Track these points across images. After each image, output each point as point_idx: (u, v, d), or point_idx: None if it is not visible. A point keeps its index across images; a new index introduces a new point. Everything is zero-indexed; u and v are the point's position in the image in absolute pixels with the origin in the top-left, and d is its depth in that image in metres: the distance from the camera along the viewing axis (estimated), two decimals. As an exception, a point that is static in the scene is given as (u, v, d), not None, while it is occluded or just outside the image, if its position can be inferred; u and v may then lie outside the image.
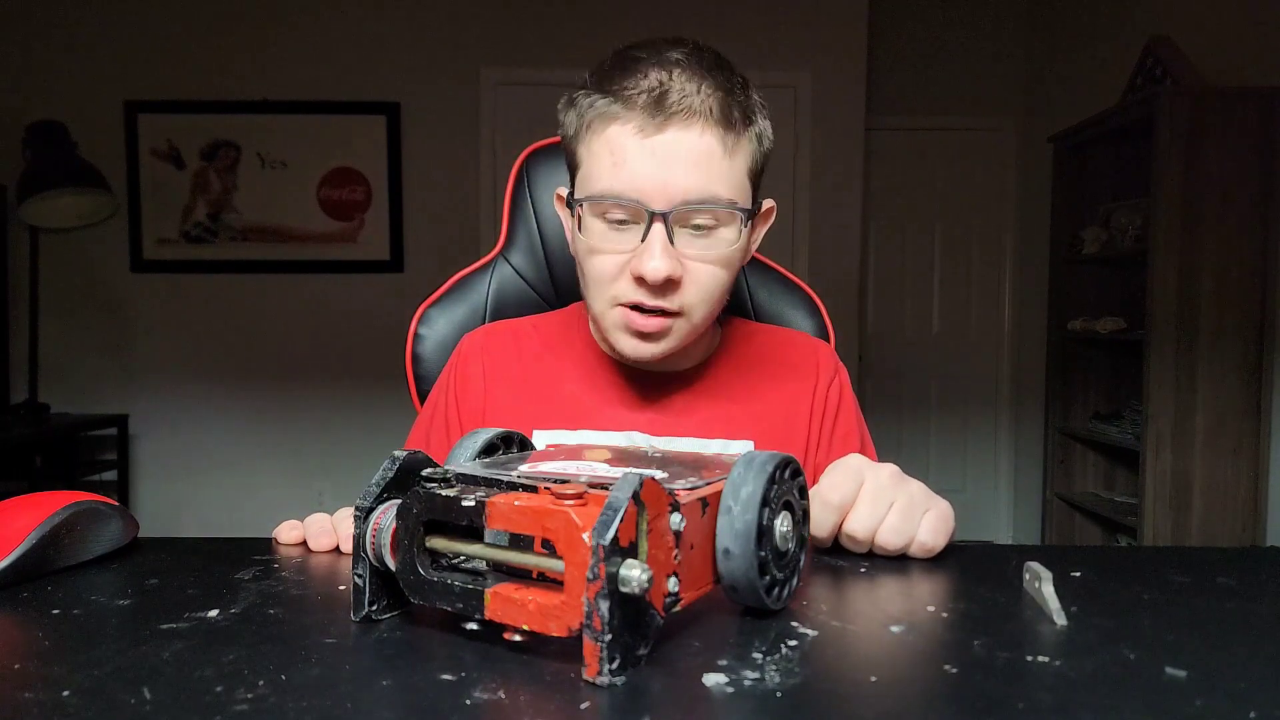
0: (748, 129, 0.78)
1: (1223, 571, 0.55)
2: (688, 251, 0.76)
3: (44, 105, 3.37)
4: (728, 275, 0.81)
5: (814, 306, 1.08)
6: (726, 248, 0.78)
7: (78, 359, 3.54)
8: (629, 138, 0.74)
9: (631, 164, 0.74)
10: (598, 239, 0.78)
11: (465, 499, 0.41)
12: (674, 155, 0.73)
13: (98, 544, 0.57)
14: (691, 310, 0.79)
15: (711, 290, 0.79)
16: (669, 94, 0.73)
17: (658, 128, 0.73)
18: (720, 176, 0.75)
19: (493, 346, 0.92)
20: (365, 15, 3.53)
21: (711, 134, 0.74)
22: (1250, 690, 0.37)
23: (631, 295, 0.77)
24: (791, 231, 3.60)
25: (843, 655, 0.42)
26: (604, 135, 0.76)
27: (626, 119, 0.74)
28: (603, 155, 0.76)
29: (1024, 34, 4.01)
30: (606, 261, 0.78)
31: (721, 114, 0.74)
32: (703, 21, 3.54)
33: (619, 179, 0.74)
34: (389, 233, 3.57)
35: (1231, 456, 2.66)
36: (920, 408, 4.16)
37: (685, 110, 0.73)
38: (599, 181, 0.76)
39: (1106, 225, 3.14)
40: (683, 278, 0.77)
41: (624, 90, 0.74)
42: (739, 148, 0.77)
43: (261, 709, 0.35)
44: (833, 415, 0.91)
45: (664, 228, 0.74)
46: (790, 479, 0.47)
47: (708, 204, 0.75)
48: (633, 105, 0.74)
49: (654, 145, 0.73)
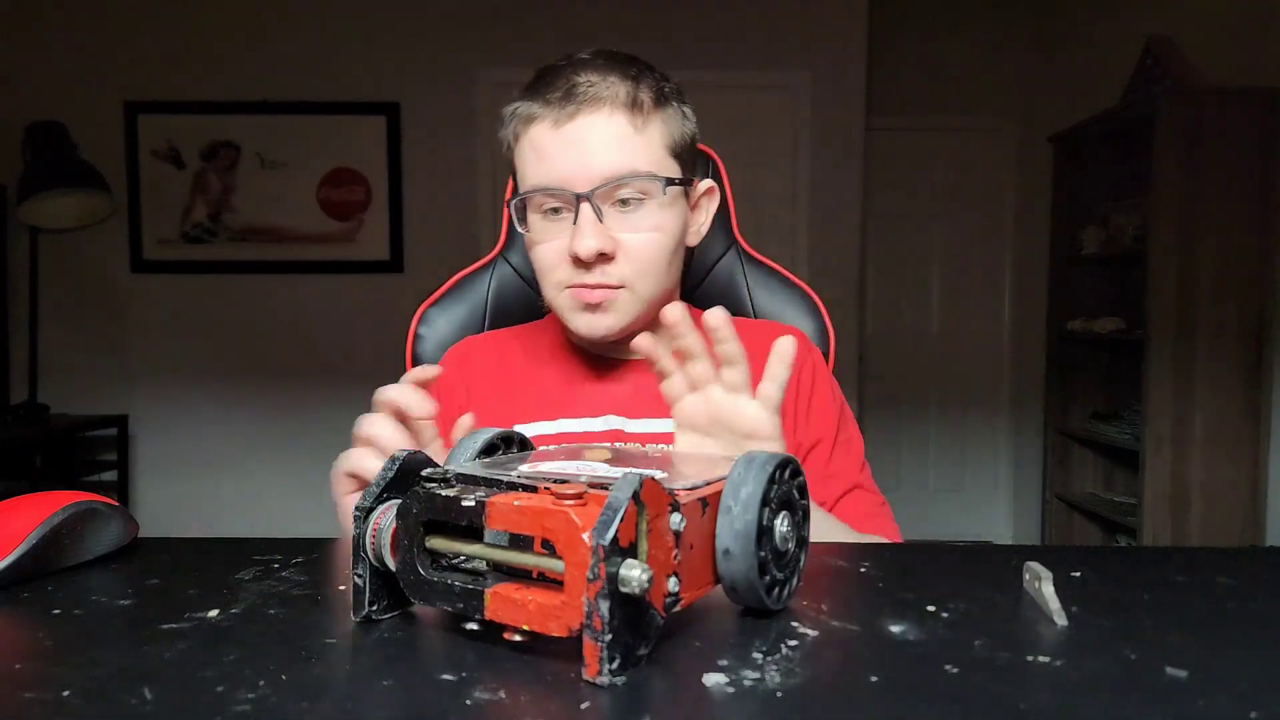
0: (659, 109, 0.83)
1: (1223, 571, 0.55)
2: (618, 226, 0.82)
3: (44, 105, 3.37)
4: (665, 246, 0.84)
5: (814, 306, 1.08)
6: (655, 217, 0.82)
7: (78, 359, 3.54)
8: (546, 132, 0.81)
9: (551, 155, 0.80)
10: (538, 231, 0.84)
11: (465, 499, 0.41)
12: (587, 138, 0.79)
13: (98, 544, 0.57)
14: (633, 282, 0.83)
15: (649, 261, 0.83)
16: (577, 86, 0.80)
17: (569, 116, 0.80)
18: (636, 151, 0.80)
19: (474, 355, 0.97)
20: (365, 15, 3.53)
21: (620, 115, 0.80)
22: (1250, 690, 0.37)
23: (573, 277, 0.83)
24: (791, 231, 3.60)
25: (843, 655, 0.42)
26: (527, 136, 0.83)
27: (543, 116, 0.81)
28: (528, 155, 0.83)
29: (1024, 34, 4.01)
30: (548, 250, 0.84)
31: (628, 97, 0.80)
32: (703, 22, 3.53)
33: (542, 171, 0.81)
34: (389, 233, 3.57)
35: (1231, 456, 2.66)
36: (920, 408, 4.16)
37: (592, 98, 0.79)
38: (528, 179, 0.83)
39: (1106, 225, 3.14)
40: (616, 252, 0.82)
41: (540, 93, 0.81)
42: (651, 125, 0.82)
43: (262, 709, 0.35)
44: (807, 394, 0.92)
45: (590, 206, 0.79)
46: (790, 479, 0.47)
47: (626, 177, 0.80)
48: (547, 103, 0.81)
49: (567, 133, 0.80)
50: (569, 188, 0.80)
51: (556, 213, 0.82)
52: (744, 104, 3.59)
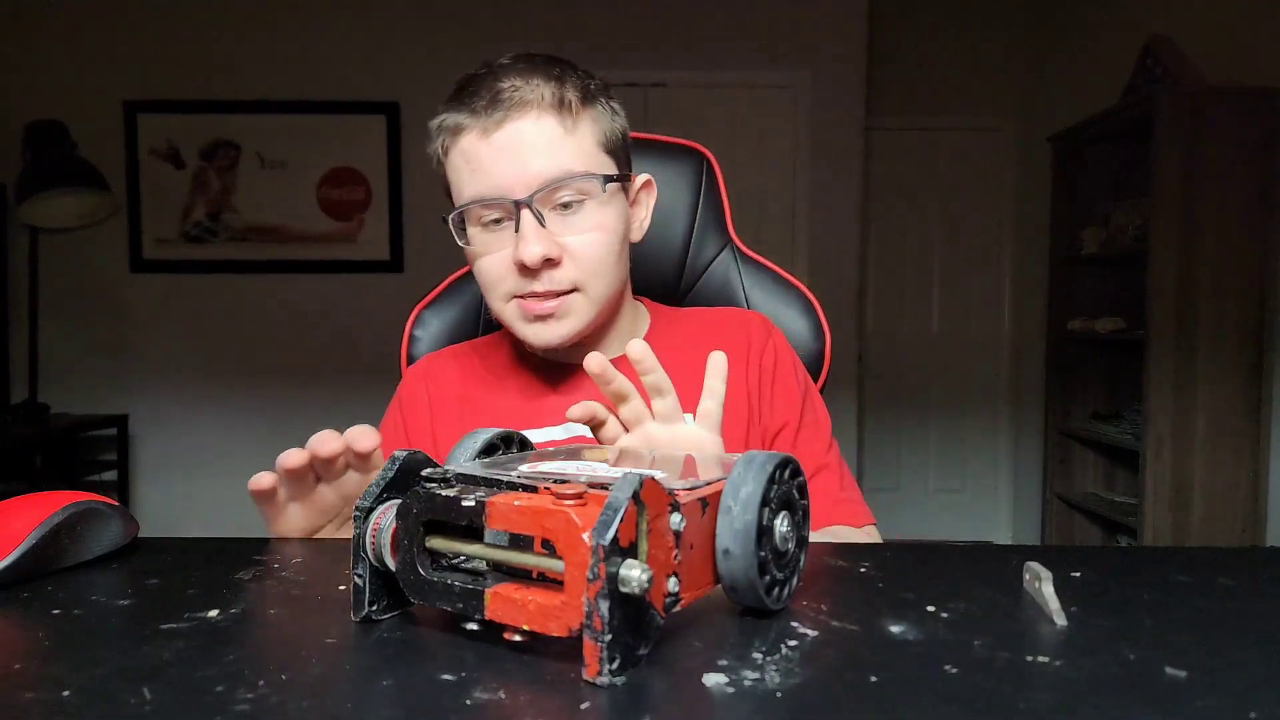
0: (587, 108, 0.82)
1: (1223, 571, 0.55)
2: (561, 230, 0.81)
3: (44, 105, 3.37)
4: (611, 244, 0.83)
5: (809, 305, 1.08)
6: (597, 216, 0.82)
7: (78, 359, 3.54)
8: (475, 142, 0.79)
9: (484, 164, 0.79)
10: (479, 244, 0.83)
11: (465, 499, 0.41)
12: (519, 144, 0.78)
13: (98, 544, 0.57)
14: (585, 284, 0.83)
15: (597, 262, 0.83)
16: (501, 92, 0.78)
17: (497, 124, 0.78)
18: (569, 153, 0.79)
19: (434, 372, 0.96)
20: (365, 15, 3.53)
21: (549, 116, 0.79)
22: (1250, 690, 0.37)
23: (521, 286, 0.82)
24: (791, 231, 3.60)
25: (843, 655, 0.42)
26: (457, 148, 0.81)
27: (471, 126, 0.79)
28: (460, 167, 0.81)
29: (1024, 33, 4.01)
30: (492, 261, 0.83)
31: (554, 99, 0.79)
32: (702, 21, 3.53)
33: (478, 182, 0.80)
34: (389, 233, 3.57)
35: (1231, 456, 2.66)
36: (920, 408, 4.16)
37: (519, 102, 0.78)
38: (463, 192, 0.82)
39: (1106, 225, 3.14)
40: (562, 256, 0.81)
41: (464, 103, 0.80)
42: (581, 124, 0.81)
43: (262, 709, 0.35)
44: (770, 378, 0.91)
45: (531, 213, 0.78)
46: (790, 479, 0.47)
47: (563, 179, 0.79)
48: (474, 112, 0.79)
49: (498, 140, 0.78)
50: (507, 195, 0.79)
51: (497, 223, 0.81)
52: (744, 103, 3.59)
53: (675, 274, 1.10)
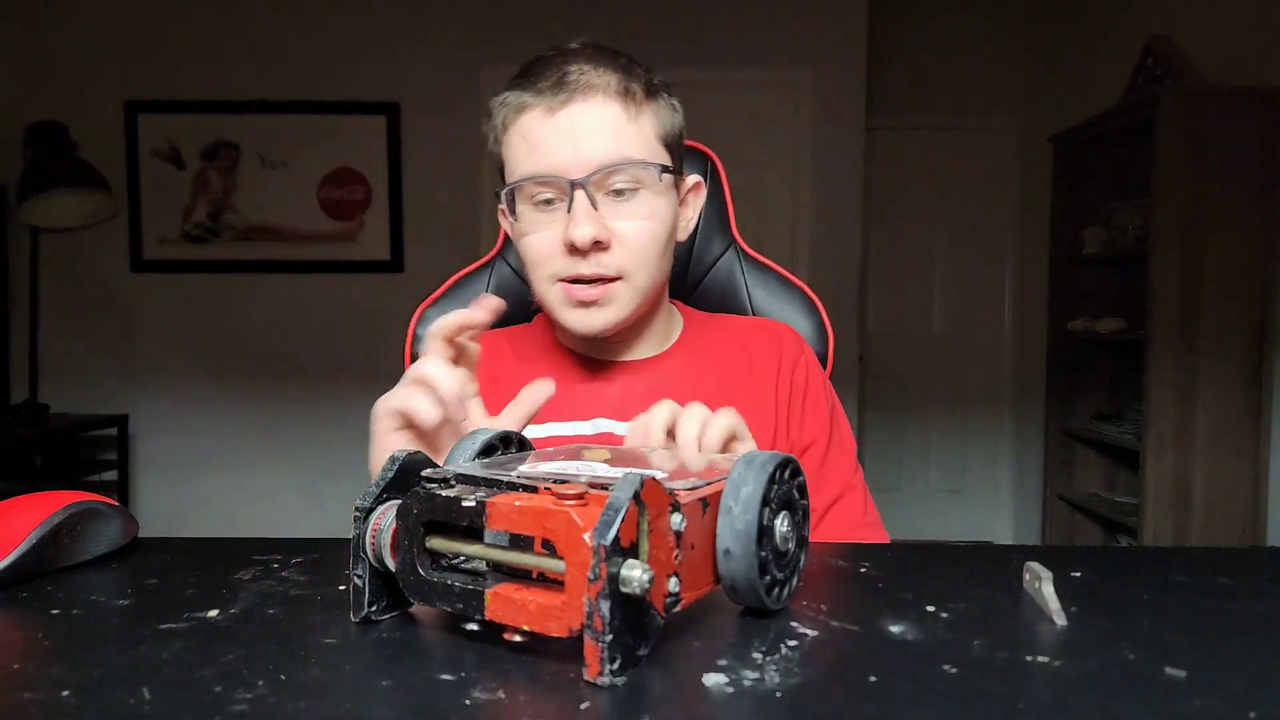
0: (650, 100, 0.83)
1: (1223, 572, 0.55)
2: (612, 215, 0.80)
3: (44, 105, 3.37)
4: (659, 236, 0.83)
5: (812, 306, 1.08)
6: (649, 205, 0.82)
7: (78, 359, 3.54)
8: (538, 121, 0.80)
9: (544, 143, 0.79)
10: (528, 222, 0.83)
11: (465, 499, 0.41)
12: (580, 125, 0.79)
13: (98, 544, 0.57)
14: (630, 274, 0.82)
15: (645, 251, 0.82)
16: (569, 74, 0.79)
17: (562, 104, 0.79)
18: (629, 139, 0.80)
19: None
20: (365, 15, 3.53)
21: (614, 103, 0.80)
22: (1250, 690, 0.37)
23: (568, 268, 0.81)
24: (792, 231, 3.60)
25: (843, 655, 0.42)
26: (518, 126, 0.81)
27: (534, 105, 0.80)
28: (518, 144, 0.81)
29: (1024, 34, 4.01)
30: (540, 240, 0.82)
31: (620, 87, 0.80)
32: (704, 20, 3.53)
33: (535, 160, 0.80)
34: (389, 233, 3.57)
35: (1232, 457, 2.66)
36: (921, 408, 4.16)
37: (585, 86, 0.79)
38: (519, 168, 0.81)
39: (1107, 225, 3.14)
40: (612, 241, 0.80)
41: (530, 83, 0.80)
42: (643, 115, 0.81)
43: (261, 709, 0.35)
44: (800, 394, 0.92)
45: (585, 194, 0.78)
46: (790, 479, 0.47)
47: (621, 164, 0.79)
48: (539, 92, 0.79)
49: (560, 120, 0.79)
50: (562, 175, 0.78)
51: (549, 203, 0.81)
52: (745, 103, 3.59)
53: (680, 274, 1.10)
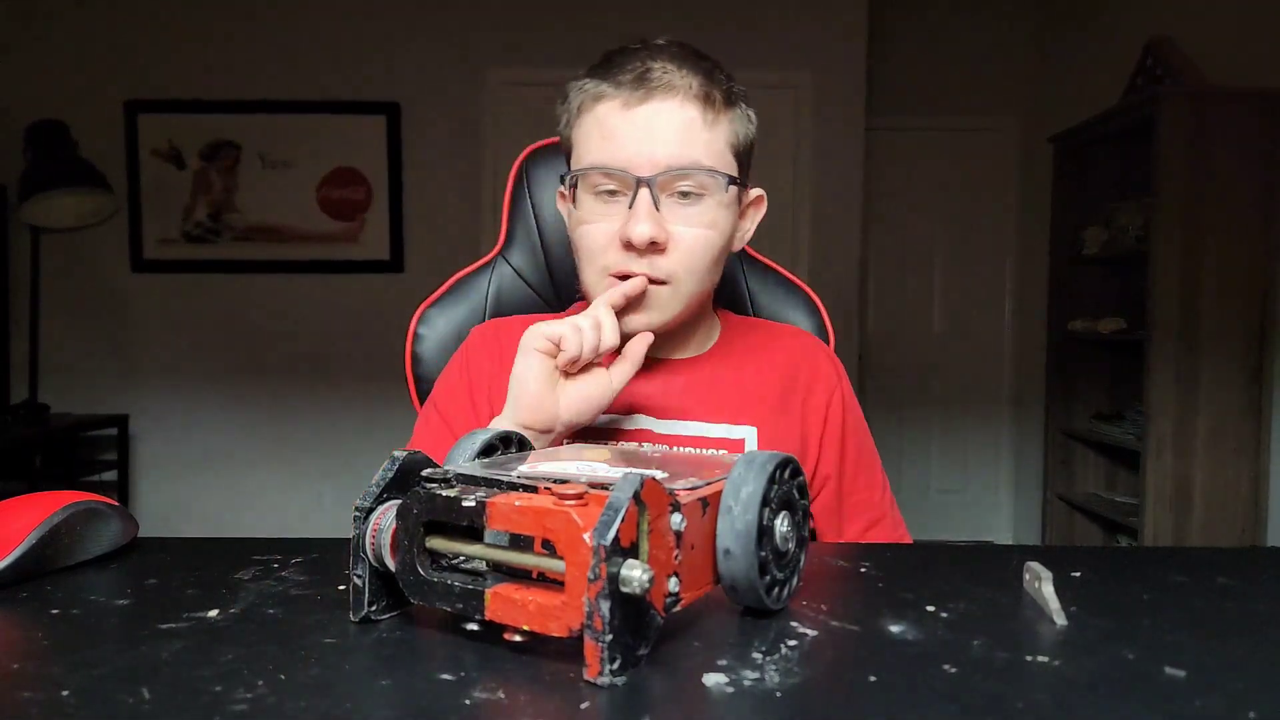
0: (729, 109, 0.82)
1: (1223, 572, 0.55)
2: (673, 218, 0.79)
3: (44, 105, 3.37)
4: (715, 246, 0.83)
5: (814, 307, 1.09)
6: (711, 214, 0.81)
7: (78, 359, 3.54)
8: (614, 112, 0.79)
9: (617, 135, 0.79)
10: (587, 211, 0.82)
11: (465, 499, 0.41)
12: (656, 124, 0.78)
13: (97, 544, 0.57)
14: (679, 280, 0.81)
15: (699, 259, 0.81)
16: (652, 71, 0.78)
17: (640, 100, 0.78)
18: (702, 145, 0.79)
19: (500, 338, 0.92)
20: (366, 15, 3.53)
21: (692, 106, 0.79)
22: (1250, 690, 0.37)
23: (620, 263, 0.80)
24: (792, 231, 3.60)
25: (843, 655, 0.42)
26: (593, 114, 0.81)
27: (613, 96, 0.79)
28: (591, 132, 0.81)
29: (1025, 34, 4.01)
30: (596, 231, 0.81)
31: (702, 90, 0.79)
32: (703, 21, 3.53)
33: (606, 151, 0.79)
34: (389, 233, 3.57)
35: (1232, 457, 2.66)
36: (921, 408, 4.16)
37: (666, 85, 0.78)
38: (589, 156, 0.81)
39: (1108, 225, 3.14)
40: (668, 243, 0.79)
41: (611, 73, 0.80)
42: (720, 122, 0.81)
43: (260, 709, 0.35)
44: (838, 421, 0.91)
45: (649, 193, 0.77)
46: (790, 479, 0.47)
47: (690, 169, 0.78)
48: (619, 84, 0.79)
49: (637, 116, 0.78)
50: (630, 170, 0.78)
51: (611, 195, 0.80)
52: (745, 104, 3.59)
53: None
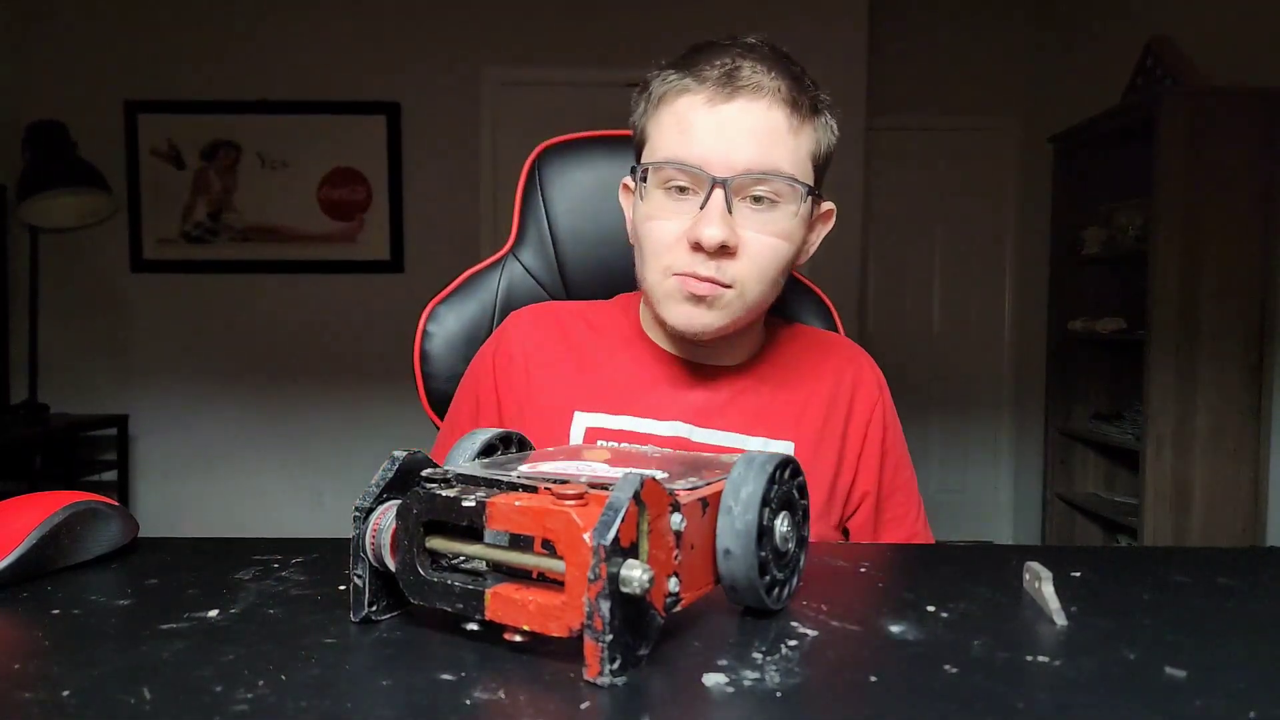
0: (814, 117, 0.80)
1: (1223, 571, 0.55)
2: (745, 223, 0.76)
3: (44, 105, 3.37)
4: (784, 256, 0.80)
5: (824, 308, 1.09)
6: (785, 223, 0.78)
7: (78, 359, 3.54)
8: (697, 108, 0.76)
9: (697, 132, 0.76)
10: (657, 206, 0.79)
11: (465, 499, 0.41)
12: (739, 126, 0.75)
13: (98, 544, 0.57)
14: (745, 286, 0.78)
15: (766, 267, 0.78)
16: (740, 69, 0.75)
17: (726, 98, 0.75)
18: (784, 152, 0.76)
19: (540, 324, 0.91)
20: (365, 15, 3.53)
21: (779, 110, 0.76)
22: (1250, 690, 0.37)
23: (686, 264, 0.77)
24: (792, 231, 3.59)
25: (843, 655, 0.42)
26: (673, 107, 0.78)
27: (697, 91, 0.76)
28: (670, 125, 0.78)
29: (1024, 34, 4.01)
30: (664, 228, 0.78)
31: (789, 95, 0.77)
32: (703, 20, 3.53)
33: (684, 146, 0.76)
34: (389, 233, 3.57)
35: (1232, 457, 2.66)
36: (921, 408, 4.16)
37: (754, 86, 0.75)
38: (664, 149, 0.78)
39: (1107, 225, 3.14)
40: (738, 248, 0.76)
41: (696, 67, 0.77)
42: (804, 130, 0.78)
43: (261, 709, 0.35)
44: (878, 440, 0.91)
45: (724, 195, 0.74)
46: (790, 479, 0.47)
47: (769, 175, 0.75)
48: (704, 80, 0.76)
49: (720, 114, 0.75)
50: (707, 169, 0.75)
51: (682, 191, 0.77)
52: (744, 104, 3.59)
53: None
